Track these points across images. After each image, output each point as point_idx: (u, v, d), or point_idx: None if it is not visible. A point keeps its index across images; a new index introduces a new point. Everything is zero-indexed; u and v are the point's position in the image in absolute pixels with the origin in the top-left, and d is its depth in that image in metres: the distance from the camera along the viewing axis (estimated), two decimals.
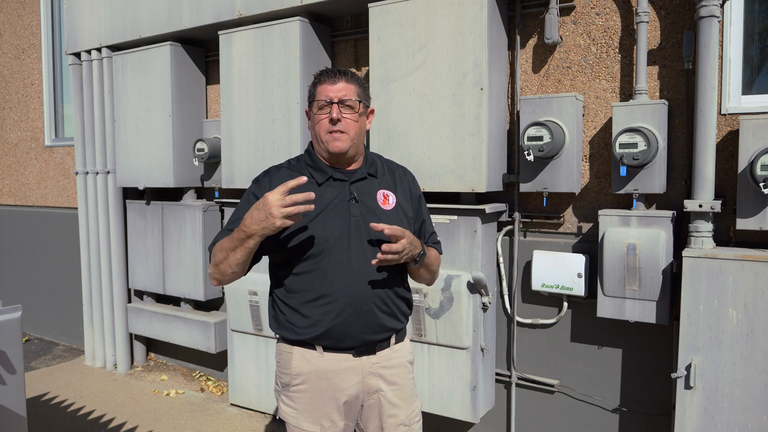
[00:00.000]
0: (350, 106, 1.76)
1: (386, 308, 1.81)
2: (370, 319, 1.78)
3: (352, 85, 1.77)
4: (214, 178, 4.31)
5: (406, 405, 1.89)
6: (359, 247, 1.76)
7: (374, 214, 1.80)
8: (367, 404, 1.86)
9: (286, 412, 1.87)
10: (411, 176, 1.99)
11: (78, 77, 4.92)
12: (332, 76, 1.76)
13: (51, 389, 4.47)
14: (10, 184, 6.23)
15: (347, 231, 1.76)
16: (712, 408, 2.45)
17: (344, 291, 1.74)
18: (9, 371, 2.20)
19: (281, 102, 3.61)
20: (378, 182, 1.86)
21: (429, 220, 2.01)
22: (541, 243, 3.14)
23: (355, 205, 1.79)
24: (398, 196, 1.89)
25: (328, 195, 1.79)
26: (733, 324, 2.41)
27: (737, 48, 2.69)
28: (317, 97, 1.77)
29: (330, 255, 1.74)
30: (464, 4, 2.93)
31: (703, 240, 2.56)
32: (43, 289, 5.92)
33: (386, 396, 1.86)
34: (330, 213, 1.76)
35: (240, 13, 3.74)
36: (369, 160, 1.88)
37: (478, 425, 3.38)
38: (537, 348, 3.20)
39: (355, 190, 1.81)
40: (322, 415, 1.82)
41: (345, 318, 1.75)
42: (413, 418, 1.92)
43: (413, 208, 1.93)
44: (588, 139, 3.01)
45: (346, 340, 1.78)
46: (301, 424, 1.83)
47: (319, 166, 1.82)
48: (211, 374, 4.66)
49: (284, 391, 1.89)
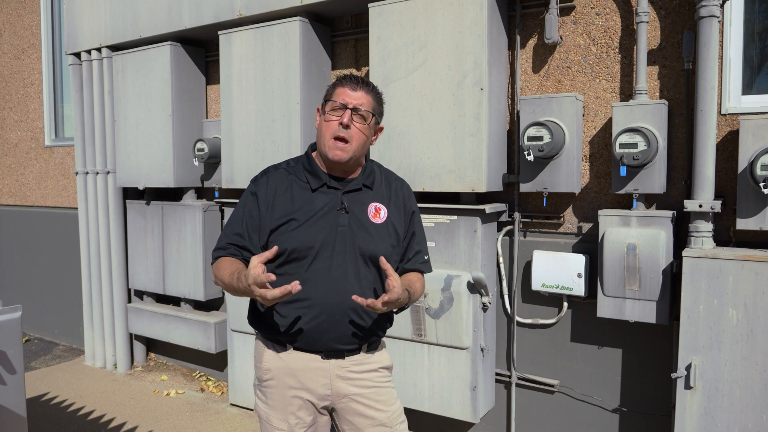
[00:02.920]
0: (362, 116, 1.79)
1: (361, 321, 1.82)
2: (343, 328, 1.79)
3: (370, 97, 1.81)
4: (214, 178, 4.31)
5: (384, 407, 1.89)
6: (342, 256, 1.78)
7: (362, 226, 1.82)
8: (338, 408, 1.87)
9: (260, 407, 1.92)
10: (408, 190, 1.99)
11: (78, 77, 4.92)
12: (355, 83, 1.79)
13: (51, 389, 4.47)
14: (10, 184, 6.23)
15: (333, 240, 1.78)
16: (712, 408, 2.45)
17: (321, 297, 1.77)
18: (9, 371, 2.20)
19: (281, 102, 3.61)
20: (372, 194, 1.88)
21: (420, 237, 1.98)
22: (541, 243, 3.14)
23: (345, 216, 1.80)
24: (391, 209, 1.89)
25: (320, 202, 1.81)
26: (733, 324, 2.41)
27: (737, 48, 2.68)
28: (334, 97, 1.79)
29: (313, 261, 1.77)
30: (464, 4, 2.93)
31: (703, 240, 2.56)
32: (43, 289, 5.92)
33: (358, 400, 1.86)
34: (319, 220, 1.79)
35: (240, 13, 3.74)
36: (367, 171, 1.89)
37: (478, 425, 3.38)
38: (537, 348, 3.20)
39: (347, 201, 1.82)
40: (288, 412, 1.85)
41: (318, 324, 1.78)
42: (395, 419, 1.91)
43: (405, 223, 1.93)
44: (588, 139, 3.01)
45: (315, 344, 1.81)
46: (271, 421, 1.87)
47: (316, 171, 1.84)
48: (211, 374, 4.66)
49: (259, 386, 1.93)
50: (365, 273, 1.81)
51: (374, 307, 1.64)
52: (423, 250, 1.98)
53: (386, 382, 1.93)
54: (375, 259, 1.80)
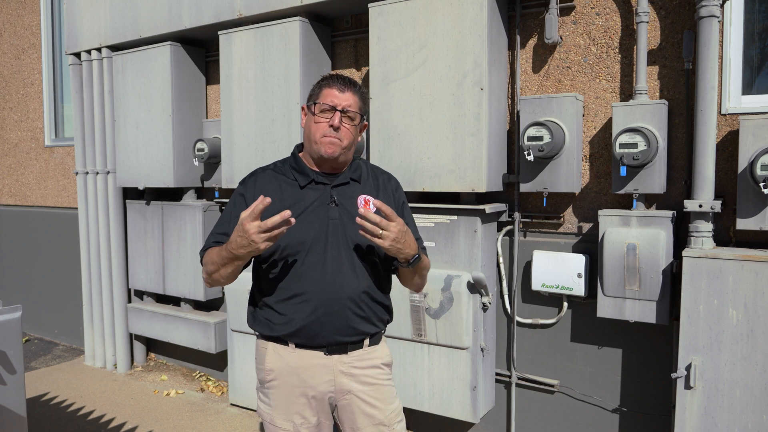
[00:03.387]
0: (351, 117, 1.81)
1: (360, 311, 1.83)
2: (342, 320, 1.80)
3: (357, 97, 1.83)
4: (214, 178, 4.31)
5: (383, 405, 1.90)
6: (335, 249, 1.80)
7: (353, 218, 1.81)
8: (341, 404, 1.88)
9: (262, 408, 1.93)
10: (395, 183, 2.01)
11: (78, 77, 4.91)
12: (342, 84, 1.81)
13: (51, 389, 4.47)
14: (10, 184, 6.23)
15: (324, 233, 1.80)
16: (712, 408, 2.45)
17: (318, 291, 1.78)
18: (9, 371, 2.20)
19: (281, 102, 3.61)
20: (361, 187, 1.90)
21: (413, 227, 2.00)
22: (541, 243, 3.14)
23: (335, 209, 1.82)
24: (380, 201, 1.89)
25: (309, 197, 1.83)
26: (733, 324, 2.41)
27: (737, 48, 2.68)
28: (321, 99, 1.81)
29: (306, 256, 1.79)
30: (464, 4, 2.93)
31: (703, 240, 2.56)
32: (43, 289, 5.92)
33: (360, 396, 1.87)
34: (309, 215, 1.81)
35: (240, 13, 3.74)
36: (354, 166, 1.92)
37: (478, 425, 3.38)
38: (537, 348, 3.20)
39: (336, 194, 1.85)
40: (293, 411, 1.85)
41: (317, 317, 1.79)
42: (393, 418, 1.92)
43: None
44: (588, 139, 3.01)
45: (316, 338, 1.81)
46: (275, 421, 1.87)
47: (303, 170, 1.87)
48: (211, 374, 4.66)
49: (261, 388, 1.93)
50: (360, 264, 1.82)
51: (376, 221, 1.63)
52: (419, 238, 2.00)
53: (387, 380, 1.94)
54: (368, 249, 1.82)
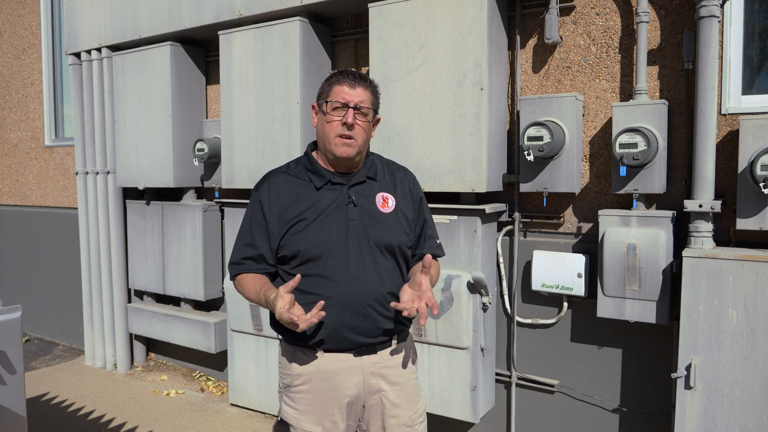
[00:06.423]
0: (364, 113, 1.77)
1: (387, 312, 1.81)
2: (369, 322, 1.78)
3: (369, 92, 1.79)
4: (214, 178, 4.31)
5: (408, 405, 1.89)
6: (357, 250, 1.77)
7: (373, 218, 1.80)
8: (368, 404, 1.86)
9: (288, 412, 1.88)
10: (412, 177, 1.98)
11: (78, 77, 4.91)
12: (352, 79, 1.77)
13: (51, 389, 4.47)
14: (10, 184, 6.23)
15: (345, 235, 1.77)
16: (712, 408, 2.45)
17: (342, 294, 1.75)
18: (9, 371, 2.20)
19: (281, 102, 3.61)
20: (377, 185, 1.86)
21: (431, 222, 2.00)
22: (541, 243, 3.14)
23: (354, 209, 1.79)
24: (398, 198, 1.88)
25: (326, 199, 1.79)
26: (733, 324, 2.41)
27: (737, 48, 2.68)
28: (333, 97, 1.76)
29: (328, 259, 1.75)
30: (464, 4, 2.93)
31: (703, 240, 2.56)
32: (43, 289, 5.92)
33: (388, 396, 1.85)
34: (328, 217, 1.77)
35: (240, 13, 3.74)
36: (369, 163, 1.88)
37: (478, 425, 3.38)
38: (537, 348, 3.20)
39: (354, 194, 1.81)
40: (324, 415, 1.82)
41: (343, 321, 1.76)
42: (416, 419, 1.91)
43: (414, 209, 1.92)
44: (588, 139, 3.01)
45: (345, 343, 1.78)
46: (303, 425, 1.83)
47: (318, 170, 1.83)
48: (211, 374, 4.66)
49: (286, 392, 1.89)
50: (384, 263, 1.80)
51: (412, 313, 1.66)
52: (435, 235, 2.00)
53: (414, 378, 1.93)
54: (391, 248, 1.80)
